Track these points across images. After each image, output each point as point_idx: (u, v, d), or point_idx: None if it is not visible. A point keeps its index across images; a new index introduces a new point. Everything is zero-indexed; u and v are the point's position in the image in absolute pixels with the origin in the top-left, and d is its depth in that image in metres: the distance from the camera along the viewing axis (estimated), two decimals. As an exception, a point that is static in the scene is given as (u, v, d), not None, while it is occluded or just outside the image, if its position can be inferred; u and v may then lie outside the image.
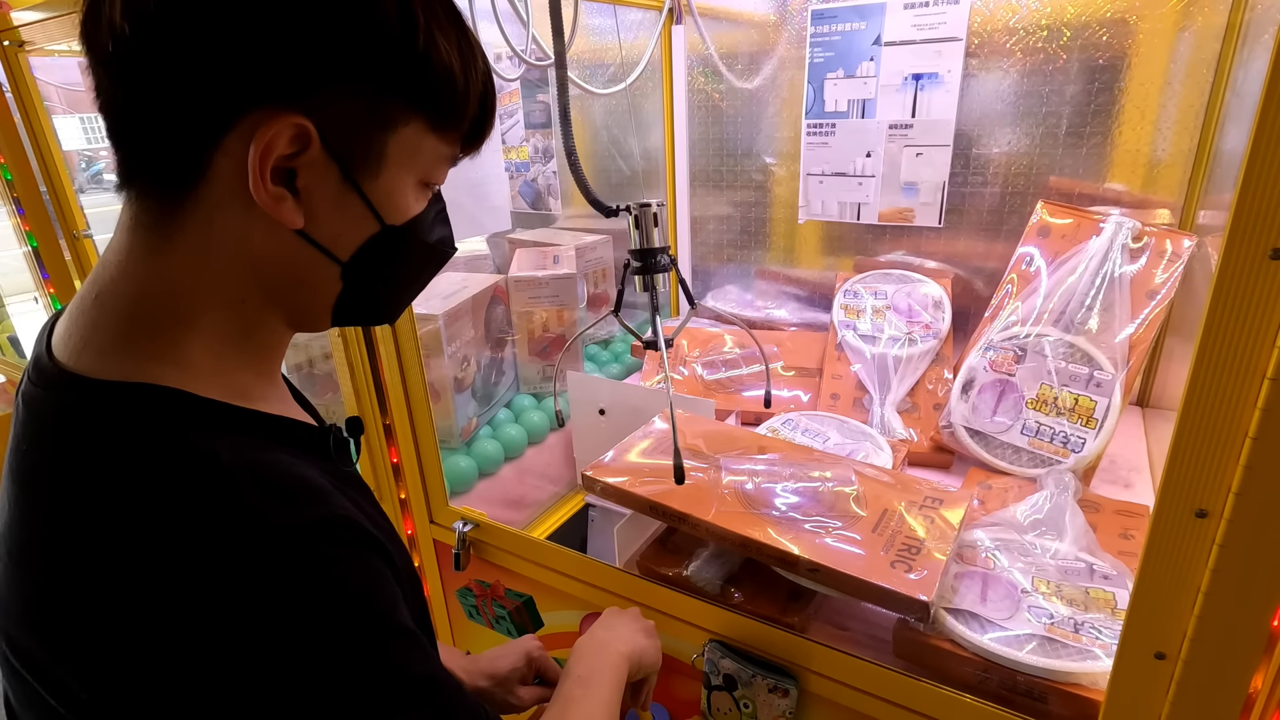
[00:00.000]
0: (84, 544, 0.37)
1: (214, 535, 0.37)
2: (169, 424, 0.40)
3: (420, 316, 1.20)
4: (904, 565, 0.73)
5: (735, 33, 1.47)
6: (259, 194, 0.40)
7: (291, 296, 0.46)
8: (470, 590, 1.13)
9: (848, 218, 1.43)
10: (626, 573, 0.90)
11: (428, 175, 0.47)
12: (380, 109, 0.42)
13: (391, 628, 0.42)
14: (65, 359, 0.42)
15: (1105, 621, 0.70)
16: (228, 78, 0.39)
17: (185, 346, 0.43)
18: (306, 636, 0.37)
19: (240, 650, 0.36)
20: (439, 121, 0.45)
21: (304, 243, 0.44)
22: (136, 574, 0.36)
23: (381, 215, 0.45)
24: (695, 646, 0.84)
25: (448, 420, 1.25)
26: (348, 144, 0.42)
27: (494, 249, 1.74)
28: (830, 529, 0.79)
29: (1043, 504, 0.88)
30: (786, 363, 1.38)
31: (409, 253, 0.49)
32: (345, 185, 0.43)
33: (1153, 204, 1.18)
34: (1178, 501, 0.51)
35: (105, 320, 0.42)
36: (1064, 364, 1.04)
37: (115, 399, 0.40)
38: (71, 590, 0.37)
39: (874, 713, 0.74)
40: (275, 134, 0.39)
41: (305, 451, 0.46)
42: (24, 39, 1.37)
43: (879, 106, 1.33)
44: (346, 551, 0.40)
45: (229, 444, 0.40)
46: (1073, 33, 1.15)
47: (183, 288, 0.42)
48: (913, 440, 1.15)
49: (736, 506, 0.84)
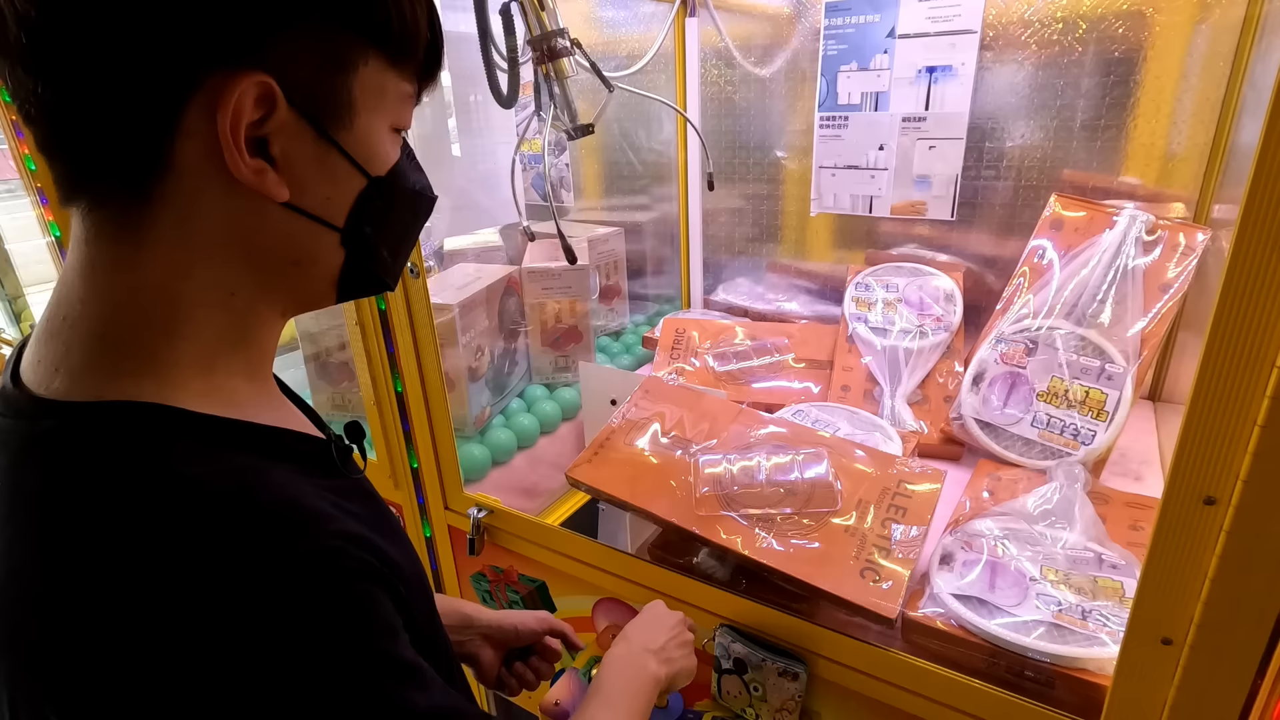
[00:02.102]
0: (64, 574, 0.34)
1: (193, 568, 0.34)
2: (150, 445, 0.37)
3: (436, 306, 1.21)
4: (873, 573, 0.75)
5: (749, 24, 1.47)
6: (238, 169, 0.37)
7: (291, 278, 0.43)
8: (484, 575, 1.14)
9: (860, 210, 1.44)
10: (638, 559, 0.92)
11: (396, 119, 0.44)
12: (336, 50, 0.39)
13: (388, 663, 0.39)
14: (36, 386, 0.39)
15: (1113, 609, 0.71)
16: (171, 45, 0.35)
17: (168, 356, 0.39)
18: (294, 674, 0.35)
19: (222, 685, 0.34)
20: (395, 54, 0.42)
21: (294, 215, 0.40)
22: (113, 608, 0.33)
23: (365, 168, 0.42)
24: (706, 631, 0.85)
25: (462, 409, 1.27)
26: (313, 96, 0.39)
27: (507, 240, 1.75)
28: (804, 529, 0.80)
29: (1052, 495, 0.89)
30: (797, 355, 1.39)
31: (400, 203, 0.46)
32: (322, 142, 0.40)
33: (1167, 197, 1.18)
34: (1186, 488, 0.51)
35: (77, 341, 0.39)
36: (1075, 357, 1.05)
37: (93, 420, 0.37)
38: (54, 622, 0.34)
39: (882, 697, 0.76)
40: (240, 97, 0.36)
41: (303, 465, 0.43)
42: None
43: (892, 99, 1.33)
44: (336, 585, 0.37)
45: (215, 467, 0.37)
46: (1088, 25, 1.15)
47: (161, 294, 0.39)
48: (923, 432, 1.16)
49: (712, 507, 0.84)
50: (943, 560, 0.81)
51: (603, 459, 0.95)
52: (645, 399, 1.05)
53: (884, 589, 0.73)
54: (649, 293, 1.83)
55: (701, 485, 0.87)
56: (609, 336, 1.74)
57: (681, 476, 0.90)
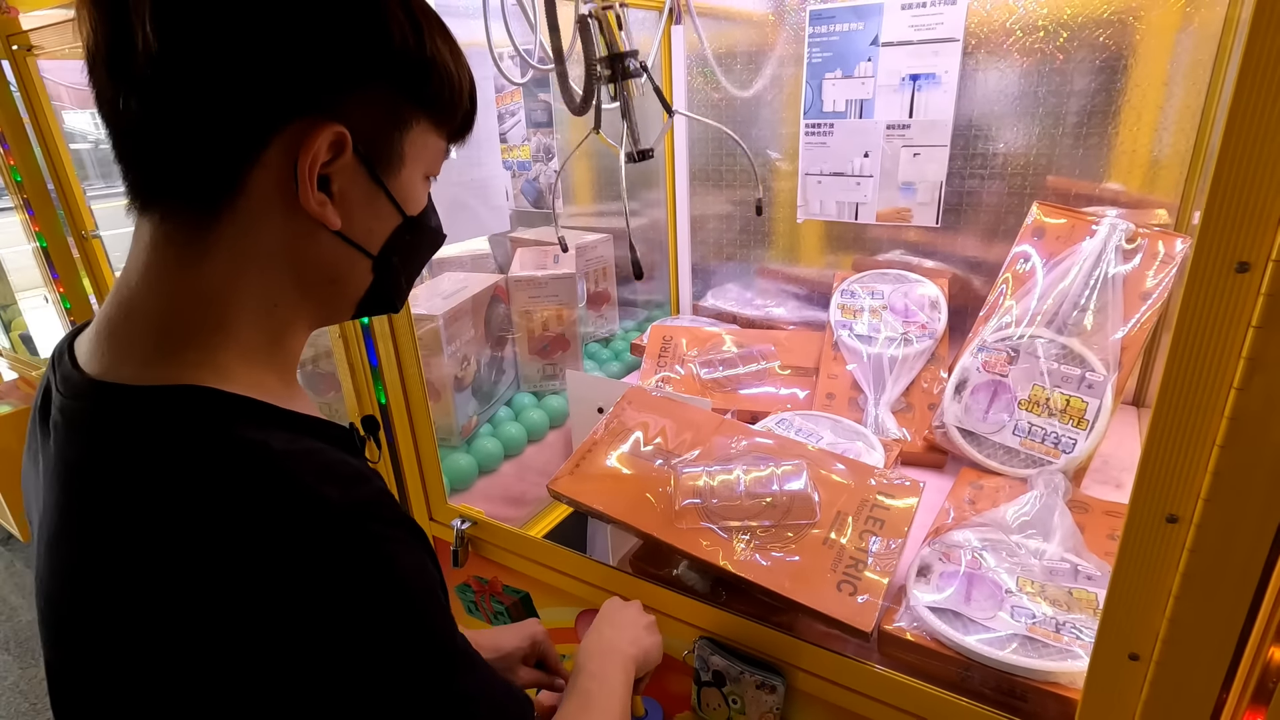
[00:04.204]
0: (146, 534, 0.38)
1: (276, 516, 0.38)
2: (217, 420, 0.42)
3: (420, 316, 1.22)
4: (850, 586, 0.75)
5: (734, 32, 1.48)
6: (307, 201, 0.43)
7: (325, 293, 0.49)
8: (469, 586, 1.15)
9: (846, 217, 1.44)
10: (620, 571, 0.92)
11: (430, 169, 0.51)
12: (397, 111, 0.46)
13: (438, 601, 0.45)
14: (99, 374, 0.43)
15: (1087, 622, 0.72)
16: (269, 91, 0.41)
17: (221, 354, 0.44)
18: (370, 609, 0.39)
19: (308, 622, 0.38)
20: (440, 118, 0.49)
21: (340, 241, 0.47)
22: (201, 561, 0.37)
23: (403, 208, 0.49)
24: (686, 643, 0.86)
25: (448, 418, 1.27)
26: (373, 146, 0.45)
27: (496, 248, 1.75)
28: (783, 541, 0.81)
29: (1032, 505, 0.89)
30: (784, 361, 1.39)
31: (423, 239, 0.54)
32: (373, 184, 0.46)
33: (1150, 204, 1.18)
34: (1150, 506, 0.52)
35: (139, 335, 0.43)
36: (1056, 365, 1.05)
37: (162, 400, 0.41)
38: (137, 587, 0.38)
39: (859, 709, 0.76)
40: (319, 142, 0.42)
41: (337, 445, 0.48)
42: (33, 43, 1.39)
43: (877, 107, 1.33)
44: (401, 529, 0.43)
45: (275, 436, 0.42)
46: (1070, 33, 1.15)
47: (218, 298, 0.44)
48: (906, 440, 1.16)
49: (692, 519, 0.85)
50: (920, 572, 0.81)
51: (584, 471, 0.96)
52: (629, 409, 1.05)
53: (859, 603, 0.73)
54: (638, 299, 1.83)
55: (682, 498, 0.87)
56: (599, 343, 1.74)
57: (662, 488, 0.90)
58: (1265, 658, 0.51)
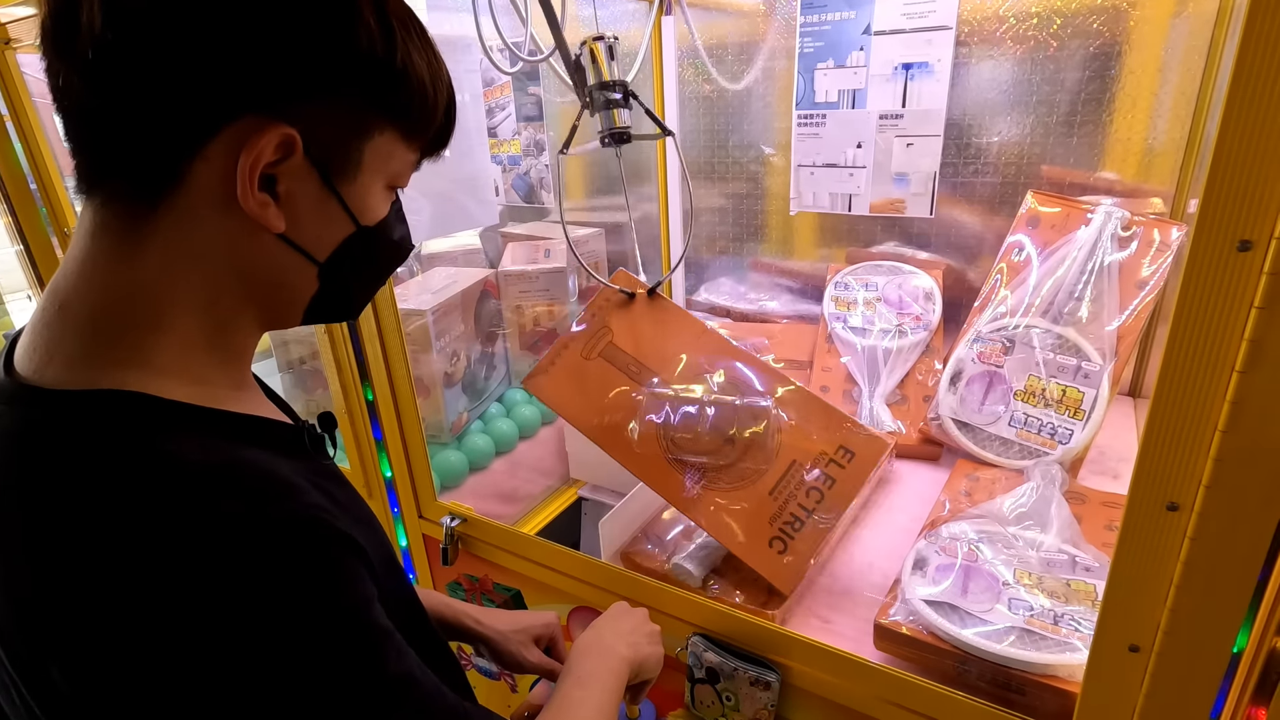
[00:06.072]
0: (57, 552, 0.37)
1: (179, 536, 0.37)
2: (134, 429, 0.40)
3: (408, 312, 1.20)
4: (780, 544, 0.75)
5: (725, 22, 1.46)
6: (247, 202, 0.41)
7: (268, 297, 0.47)
8: (460, 584, 1.13)
9: (839, 209, 1.43)
10: (612, 566, 0.91)
11: (395, 179, 0.49)
12: (360, 119, 0.44)
13: (361, 625, 0.41)
14: (29, 373, 0.42)
15: (1085, 613, 0.70)
16: (217, 85, 0.39)
17: (153, 350, 0.42)
18: (273, 634, 0.37)
19: (206, 648, 0.36)
20: (410, 130, 0.47)
21: (283, 245, 0.45)
22: (104, 577, 0.36)
23: (357, 218, 0.47)
24: (679, 640, 0.84)
25: (437, 415, 1.25)
26: (328, 152, 0.43)
27: (487, 242, 1.74)
28: (733, 483, 0.81)
29: (1028, 496, 0.88)
30: (778, 355, 1.38)
31: (379, 251, 0.51)
32: (324, 190, 0.44)
33: (1146, 192, 1.17)
34: (1149, 495, 0.50)
35: (69, 329, 0.42)
36: (1052, 355, 1.04)
37: (80, 408, 0.40)
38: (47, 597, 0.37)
39: (854, 704, 0.75)
40: (264, 142, 0.40)
41: (279, 449, 0.46)
42: (11, 36, 1.36)
43: (869, 96, 1.32)
44: (315, 549, 0.40)
45: (196, 445, 0.40)
46: (1064, 20, 1.14)
47: (152, 292, 0.42)
48: (901, 432, 1.15)
49: (650, 445, 0.85)
50: (916, 565, 0.80)
51: (559, 371, 0.95)
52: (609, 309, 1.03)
53: (785, 562, 0.73)
54: (631, 293, 1.81)
55: (643, 425, 0.86)
56: (591, 338, 1.72)
57: (628, 406, 0.89)
58: (1269, 647, 0.49)
